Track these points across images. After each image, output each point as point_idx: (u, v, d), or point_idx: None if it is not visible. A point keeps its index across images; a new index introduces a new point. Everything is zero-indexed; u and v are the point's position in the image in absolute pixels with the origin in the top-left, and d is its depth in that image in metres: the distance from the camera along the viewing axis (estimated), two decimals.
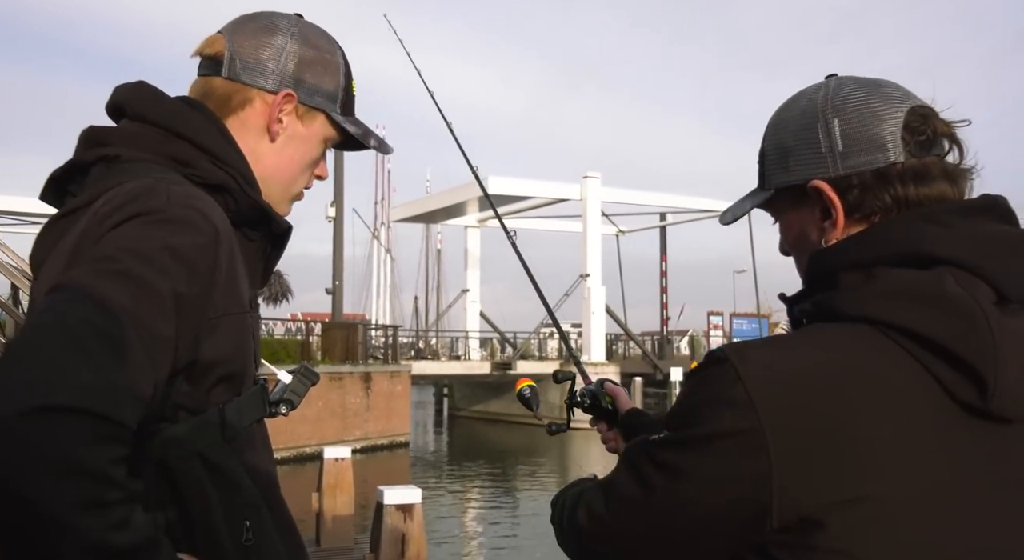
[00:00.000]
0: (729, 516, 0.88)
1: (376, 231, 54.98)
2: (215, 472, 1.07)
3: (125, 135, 1.17)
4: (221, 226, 1.08)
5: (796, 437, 0.85)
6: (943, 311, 0.88)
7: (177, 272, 0.98)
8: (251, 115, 1.26)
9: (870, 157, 0.98)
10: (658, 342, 39.05)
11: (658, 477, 0.92)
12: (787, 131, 1.05)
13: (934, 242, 0.92)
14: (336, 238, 29.40)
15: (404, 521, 5.96)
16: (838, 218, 1.00)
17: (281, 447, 21.60)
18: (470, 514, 16.33)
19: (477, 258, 40.20)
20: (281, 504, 1.20)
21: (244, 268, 1.15)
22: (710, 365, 0.92)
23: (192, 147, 1.17)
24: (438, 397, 45.05)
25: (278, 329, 29.05)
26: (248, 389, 1.17)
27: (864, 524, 0.84)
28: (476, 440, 30.74)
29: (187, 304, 0.99)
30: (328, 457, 8.62)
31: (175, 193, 1.05)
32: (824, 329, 0.94)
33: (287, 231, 1.28)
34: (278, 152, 1.28)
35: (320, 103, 1.30)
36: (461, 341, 38.89)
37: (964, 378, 0.87)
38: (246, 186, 1.20)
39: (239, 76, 1.25)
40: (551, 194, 34.73)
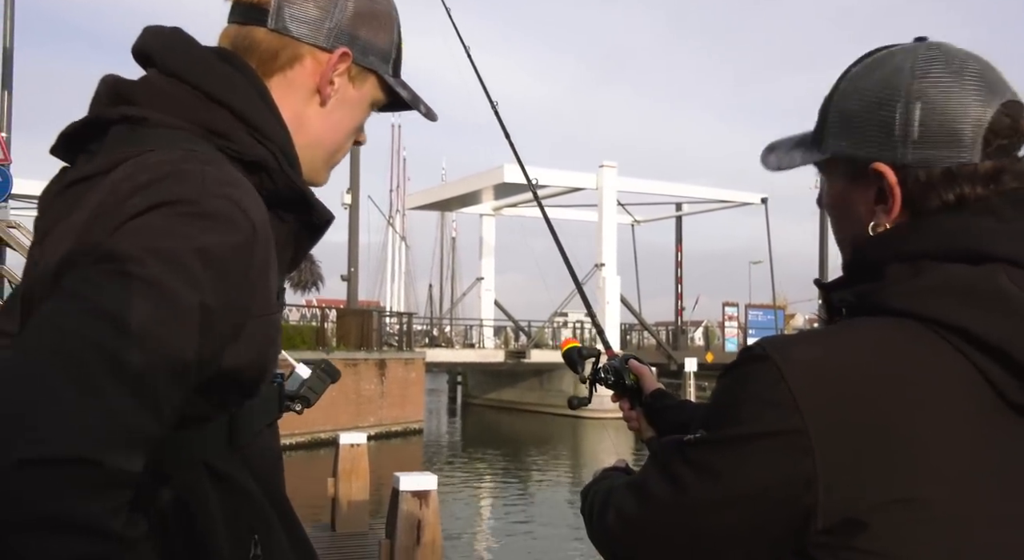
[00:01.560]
0: (770, 518, 0.86)
1: (391, 219, 55.07)
2: (222, 482, 0.98)
3: (155, 93, 1.01)
4: (258, 219, 0.94)
5: (842, 438, 0.83)
6: (996, 309, 0.85)
7: (208, 281, 0.85)
8: (300, 75, 1.10)
9: (944, 153, 0.91)
10: (672, 332, 38.97)
11: (692, 478, 0.89)
12: (861, 99, 0.96)
13: (989, 237, 0.88)
14: (351, 225, 29.46)
15: (420, 507, 6.00)
16: (893, 206, 0.94)
17: (296, 432, 21.73)
18: (484, 500, 16.40)
19: (492, 246, 40.18)
20: (292, 514, 1.11)
21: (275, 260, 1.02)
22: (750, 362, 0.89)
23: (231, 116, 1.02)
24: (452, 385, 45.15)
25: (293, 315, 29.21)
26: (263, 389, 1.06)
27: (909, 525, 0.82)
28: (490, 428, 30.82)
29: (215, 317, 0.86)
30: (344, 443, 8.67)
31: (210, 177, 0.91)
32: (868, 324, 0.90)
33: (327, 222, 1.13)
34: (326, 117, 1.13)
35: (373, 63, 1.15)
36: (475, 329, 38.94)
37: (1015, 378, 0.85)
38: (286, 166, 1.05)
39: (288, 28, 1.08)
40: (567, 183, 34.62)
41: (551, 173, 33.91)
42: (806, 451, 0.83)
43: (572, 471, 20.97)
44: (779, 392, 0.84)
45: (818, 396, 0.84)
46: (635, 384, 1.57)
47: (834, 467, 0.82)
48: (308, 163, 1.15)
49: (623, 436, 27.53)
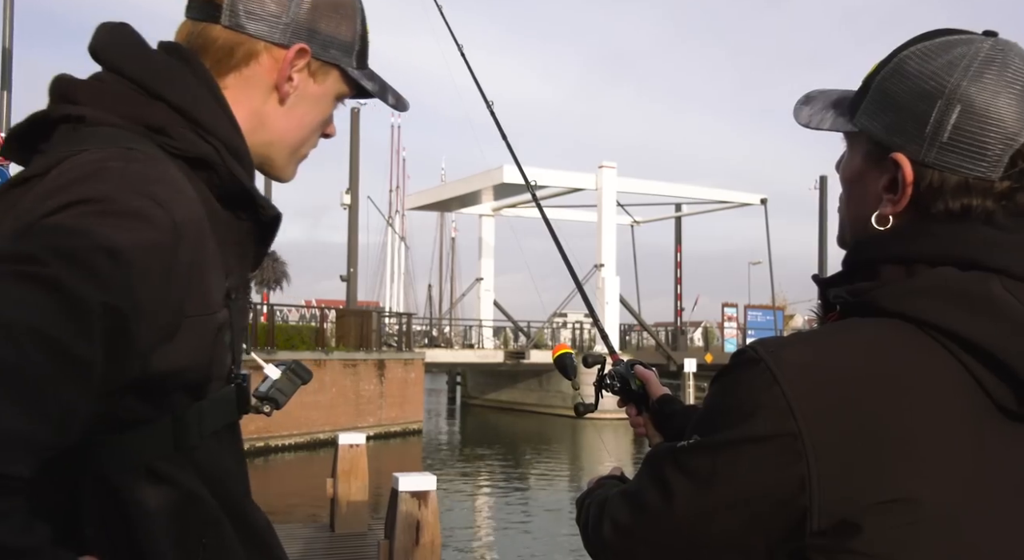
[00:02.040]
0: (766, 522, 0.86)
1: (391, 219, 55.09)
2: (166, 485, 0.95)
3: (94, 91, 0.99)
4: (182, 217, 0.90)
5: (836, 440, 0.83)
6: (988, 314, 0.85)
7: (115, 280, 0.80)
8: (256, 72, 1.08)
9: (967, 163, 0.90)
10: (672, 333, 38.97)
11: (686, 484, 0.89)
12: (904, 84, 0.94)
13: (987, 249, 0.89)
14: (350, 226, 29.46)
15: (419, 508, 6.00)
16: (901, 200, 0.94)
17: (295, 433, 21.73)
18: (483, 501, 16.40)
19: (491, 247, 40.17)
20: (249, 517, 1.07)
21: (222, 254, 1.00)
22: (743, 365, 0.88)
23: (171, 111, 1.00)
24: (451, 385, 45.15)
25: (293, 316, 29.20)
26: (217, 389, 1.03)
27: (903, 527, 0.82)
28: (489, 428, 30.82)
29: (129, 318, 0.81)
30: (343, 443, 8.66)
31: (131, 174, 0.88)
32: (861, 325, 0.90)
33: (275, 219, 1.10)
34: (287, 114, 1.11)
35: (335, 57, 1.12)
36: (475, 330, 38.94)
37: (1006, 382, 0.85)
38: (231, 162, 1.03)
39: (243, 25, 1.06)
40: (567, 183, 34.61)
41: (550, 173, 33.91)
42: (800, 454, 0.83)
43: (571, 472, 20.97)
44: (773, 395, 0.84)
45: (811, 399, 0.84)
46: (641, 389, 1.56)
47: (828, 469, 0.83)
48: (271, 160, 1.14)
49: (622, 437, 27.55)
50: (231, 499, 1.03)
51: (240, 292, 1.05)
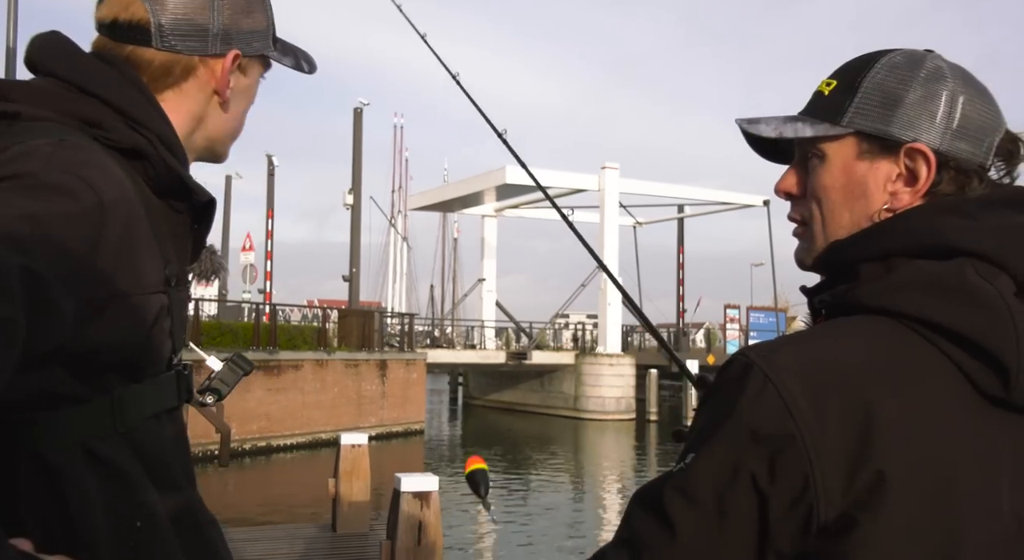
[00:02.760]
0: (775, 528, 0.85)
1: (393, 219, 55.11)
2: (101, 465, 0.96)
3: (29, 90, 1.03)
4: (110, 197, 0.92)
5: (833, 435, 0.84)
6: (965, 302, 0.87)
7: (36, 247, 0.82)
8: (196, 84, 1.13)
9: (975, 148, 0.96)
10: (674, 334, 38.97)
11: (686, 507, 0.86)
12: (905, 81, 0.97)
13: (956, 233, 0.91)
14: (353, 226, 29.48)
15: (421, 508, 6.00)
16: (921, 188, 0.96)
17: (296, 432, 21.75)
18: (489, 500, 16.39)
19: (493, 247, 40.21)
20: (189, 502, 1.08)
21: (160, 244, 1.03)
22: (734, 371, 0.89)
23: (104, 106, 1.04)
24: (453, 385, 45.17)
25: (295, 315, 29.23)
26: (157, 374, 1.04)
27: (898, 518, 0.83)
28: (491, 428, 30.84)
29: (49, 283, 0.83)
30: (345, 443, 8.67)
31: (60, 157, 0.92)
32: (846, 324, 0.92)
33: (209, 203, 1.13)
34: (227, 112, 1.18)
35: (259, 49, 1.18)
36: (477, 330, 38.97)
37: (987, 368, 0.87)
38: (165, 152, 1.06)
39: (175, 45, 1.10)
40: (569, 185, 34.65)
41: (553, 174, 33.93)
42: (802, 452, 0.84)
43: (573, 472, 20.98)
44: (768, 397, 0.85)
45: (806, 397, 0.85)
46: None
47: (828, 465, 0.84)
48: (214, 148, 1.20)
49: (623, 438, 27.56)
50: (169, 484, 1.04)
51: (179, 282, 1.08)
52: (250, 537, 8.72)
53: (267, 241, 32.05)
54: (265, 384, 21.14)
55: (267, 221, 32.31)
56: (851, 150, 0.99)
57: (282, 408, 21.46)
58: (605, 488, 18.25)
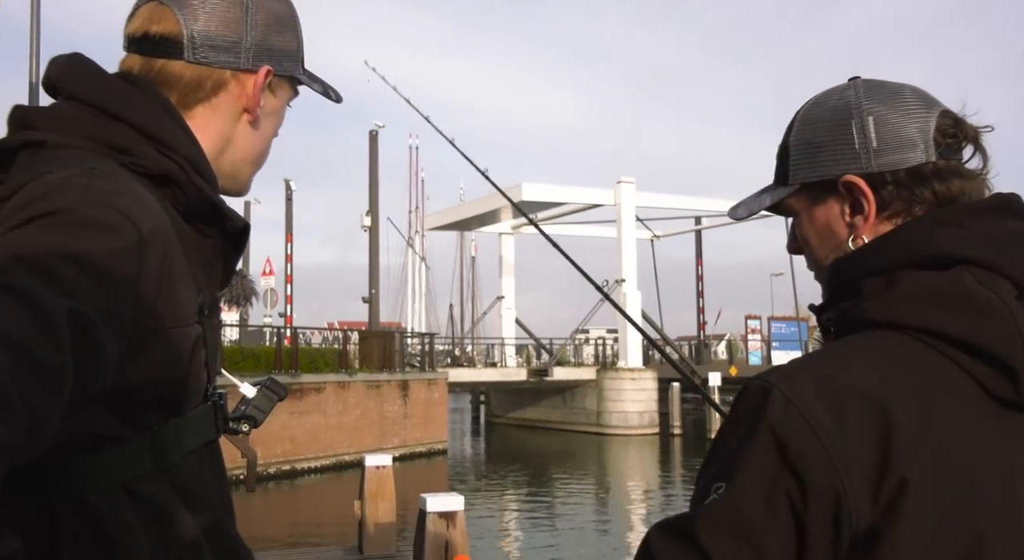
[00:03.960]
0: (814, 547, 0.86)
1: (411, 240, 55.35)
2: (145, 506, 0.94)
3: (53, 117, 1.00)
4: (148, 228, 0.91)
5: (856, 452, 0.85)
6: (967, 310, 0.89)
7: (80, 287, 0.81)
8: (225, 100, 1.10)
9: (904, 156, 0.99)
10: (695, 347, 38.78)
11: (728, 542, 0.87)
12: (818, 127, 1.05)
13: (951, 242, 0.93)
14: (371, 247, 29.64)
15: (447, 528, 6.00)
16: (870, 213, 1.00)
17: (320, 455, 21.78)
18: (510, 520, 16.34)
19: (511, 265, 40.26)
20: (231, 537, 1.06)
21: (191, 272, 1.01)
22: (755, 397, 0.91)
23: (132, 131, 1.01)
24: (475, 404, 45.12)
25: (315, 338, 29.36)
26: (194, 407, 1.03)
27: (915, 521, 0.85)
28: (514, 446, 30.74)
29: (95, 325, 0.81)
30: (369, 465, 8.68)
31: (94, 189, 0.89)
32: (856, 342, 0.94)
33: (244, 229, 1.10)
34: (258, 133, 1.14)
35: (289, 69, 1.15)
36: (497, 348, 38.95)
37: (996, 372, 0.88)
38: (196, 177, 1.03)
39: (207, 58, 1.07)
40: (585, 200, 34.70)
41: (569, 190, 34.00)
42: (831, 473, 0.85)
43: (598, 488, 20.85)
44: (793, 420, 0.86)
45: (828, 418, 0.86)
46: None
47: (855, 482, 0.85)
48: (237, 177, 1.16)
49: (647, 453, 27.37)
50: (211, 519, 1.02)
51: (212, 310, 1.05)
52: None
53: (287, 265, 32.26)
54: (288, 407, 21.21)
55: (286, 245, 32.54)
56: (807, 201, 1.07)
57: (306, 431, 21.51)
58: (633, 507, 18.12)
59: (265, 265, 32.96)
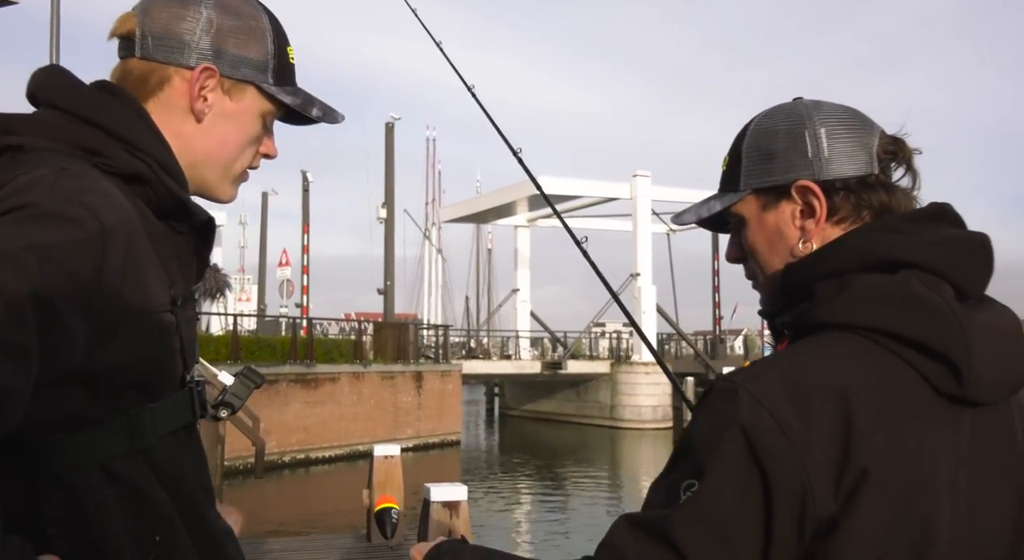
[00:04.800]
0: (785, 542, 0.91)
1: (427, 232, 55.48)
2: (120, 484, 1.00)
3: (32, 123, 1.08)
4: (111, 221, 0.97)
5: (819, 447, 0.91)
6: (914, 310, 0.95)
7: (42, 273, 0.87)
8: (172, 95, 1.16)
9: (854, 165, 1.07)
10: (711, 342, 38.66)
11: (699, 536, 0.91)
12: (771, 136, 1.10)
13: (897, 248, 0.99)
14: (387, 239, 29.78)
15: (451, 517, 6.05)
16: (821, 216, 1.06)
17: (334, 444, 21.96)
18: (520, 511, 16.41)
19: (527, 258, 40.29)
20: (205, 517, 1.12)
21: (165, 266, 1.07)
22: (723, 397, 0.95)
23: (104, 134, 1.08)
24: (489, 396, 45.26)
25: (333, 329, 29.55)
26: (170, 393, 1.09)
27: (872, 509, 0.91)
28: (527, 439, 30.83)
29: (58, 308, 0.88)
30: (378, 454, 8.73)
31: (60, 186, 0.96)
32: (815, 343, 0.99)
33: (207, 222, 1.17)
34: (207, 132, 1.18)
35: (247, 74, 1.19)
36: (512, 341, 39.02)
37: (943, 369, 0.94)
38: (164, 176, 1.10)
39: (153, 54, 1.15)
40: (601, 193, 34.67)
41: (584, 183, 33.96)
42: (797, 467, 0.91)
43: (610, 481, 20.90)
44: (762, 419, 0.92)
45: (793, 416, 0.92)
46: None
47: (819, 475, 0.91)
48: (205, 181, 1.21)
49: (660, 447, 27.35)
50: (186, 499, 1.08)
51: (185, 302, 1.12)
52: (287, 547, 8.85)
53: (303, 256, 32.45)
54: (303, 397, 21.41)
55: (302, 236, 32.73)
56: (756, 207, 1.12)
57: (320, 421, 21.70)
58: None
59: (281, 256, 33.24)
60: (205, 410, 1.20)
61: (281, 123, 1.29)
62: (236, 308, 34.33)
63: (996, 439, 0.99)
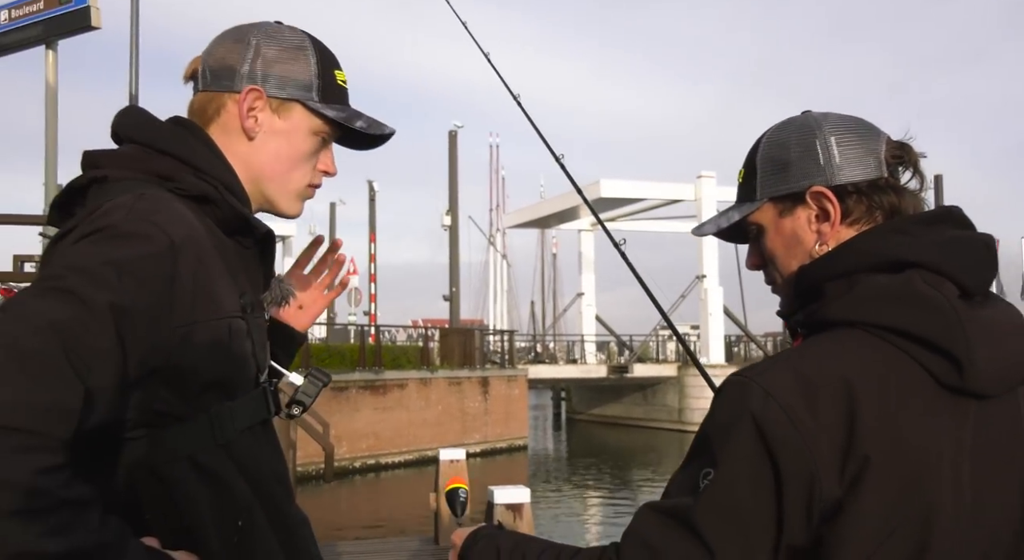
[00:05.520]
0: (792, 524, 0.98)
1: (492, 237, 55.77)
2: (205, 474, 1.11)
3: (113, 156, 1.21)
4: (180, 236, 1.09)
5: (826, 436, 0.97)
6: (918, 307, 1.01)
7: (120, 285, 0.99)
8: (228, 119, 1.28)
9: (864, 170, 1.13)
10: (781, 343, 37.90)
11: (720, 525, 0.97)
12: (784, 147, 1.17)
13: (902, 249, 1.05)
14: (451, 246, 30.10)
15: (514, 520, 6.13)
16: (835, 219, 1.13)
17: (404, 450, 22.25)
18: (587, 514, 16.39)
19: (591, 261, 40.15)
20: (281, 506, 1.22)
21: (234, 277, 1.19)
22: (735, 391, 1.02)
23: (176, 161, 1.20)
24: (556, 401, 45.17)
25: (401, 336, 29.99)
26: (247, 392, 1.20)
27: (874, 494, 0.96)
28: (594, 443, 30.71)
29: (136, 315, 0.99)
30: (444, 459, 8.88)
31: (136, 209, 1.08)
32: (823, 340, 1.05)
33: (266, 235, 1.27)
34: (260, 149, 1.29)
35: (292, 93, 1.29)
36: (577, 345, 38.93)
37: (945, 362, 1.00)
38: (228, 196, 1.22)
39: (211, 85, 1.28)
40: (665, 195, 34.37)
41: (648, 185, 33.72)
42: (805, 456, 0.97)
43: None
44: (772, 411, 0.98)
45: (801, 408, 0.98)
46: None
47: (826, 462, 0.97)
48: (269, 197, 1.32)
49: None
50: (264, 488, 1.19)
51: (255, 309, 1.24)
52: (357, 550, 9.07)
53: (370, 264, 33.08)
54: (372, 403, 21.77)
55: (370, 245, 33.36)
56: (773, 215, 1.19)
57: (389, 427, 22.02)
58: None
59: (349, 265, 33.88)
60: (279, 407, 1.31)
61: (341, 147, 1.38)
62: None
63: (1001, 430, 1.03)
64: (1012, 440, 1.04)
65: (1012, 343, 1.05)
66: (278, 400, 1.30)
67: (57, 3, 9.73)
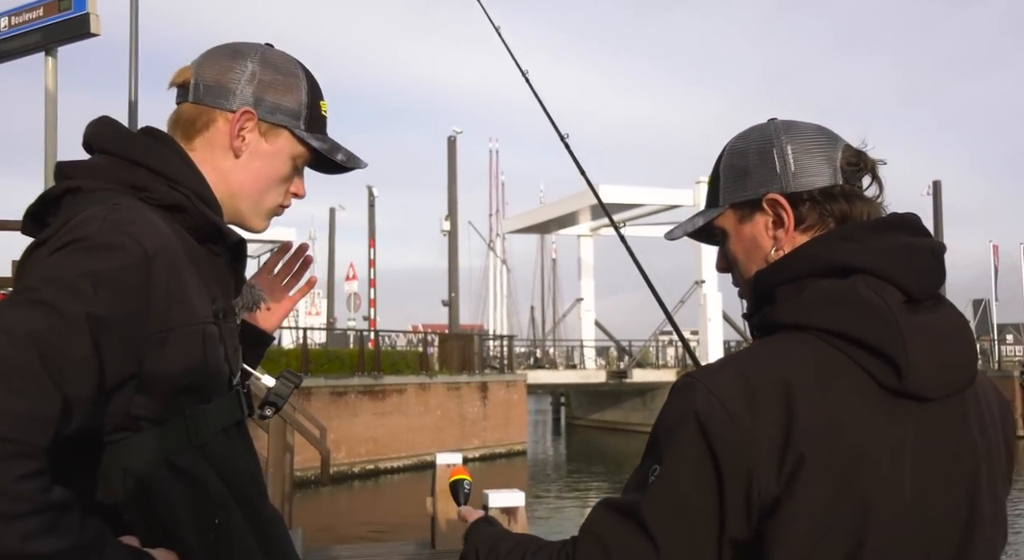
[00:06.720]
0: (732, 519, 1.02)
1: (491, 243, 55.81)
2: (182, 475, 1.15)
3: (86, 167, 1.23)
4: (154, 247, 1.11)
5: (764, 434, 1.01)
6: (859, 312, 1.05)
7: (96, 296, 1.02)
8: (216, 135, 1.32)
9: (818, 178, 1.17)
10: None
11: (666, 517, 1.02)
12: (743, 155, 1.22)
13: (848, 255, 1.09)
14: (451, 251, 30.15)
15: (508, 524, 6.15)
16: (789, 225, 1.17)
17: (402, 455, 22.25)
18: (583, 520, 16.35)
19: (591, 267, 40.16)
20: (258, 503, 1.26)
21: (206, 284, 1.22)
22: (683, 391, 1.07)
23: (148, 172, 1.23)
24: (555, 406, 45.16)
25: (400, 341, 30.01)
26: (221, 395, 1.23)
27: (809, 491, 1.00)
28: (594, 448, 30.68)
29: (112, 325, 1.03)
30: (440, 463, 8.88)
31: (110, 220, 1.11)
32: (770, 342, 1.10)
33: (239, 243, 1.31)
34: (243, 168, 1.33)
35: (282, 120, 1.34)
36: (577, 350, 38.92)
37: (884, 365, 1.03)
38: (200, 205, 1.25)
39: (203, 99, 1.31)
40: (663, 201, 34.40)
41: (646, 191, 33.77)
42: (744, 452, 1.01)
43: None
44: (714, 410, 1.03)
45: (742, 406, 1.02)
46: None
47: (763, 459, 1.01)
48: (239, 212, 1.37)
49: None
50: (239, 487, 1.23)
51: (227, 314, 1.28)
52: (354, 554, 9.09)
53: (370, 269, 33.11)
54: (371, 408, 21.79)
55: (369, 250, 33.41)
56: (734, 221, 1.24)
57: (388, 432, 22.03)
58: None
59: (348, 270, 33.95)
60: (252, 409, 1.35)
61: (311, 170, 1.44)
62: (306, 322, 35.23)
63: (946, 431, 1.07)
64: (958, 440, 1.07)
65: (954, 347, 1.08)
66: (251, 402, 1.34)
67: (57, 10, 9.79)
